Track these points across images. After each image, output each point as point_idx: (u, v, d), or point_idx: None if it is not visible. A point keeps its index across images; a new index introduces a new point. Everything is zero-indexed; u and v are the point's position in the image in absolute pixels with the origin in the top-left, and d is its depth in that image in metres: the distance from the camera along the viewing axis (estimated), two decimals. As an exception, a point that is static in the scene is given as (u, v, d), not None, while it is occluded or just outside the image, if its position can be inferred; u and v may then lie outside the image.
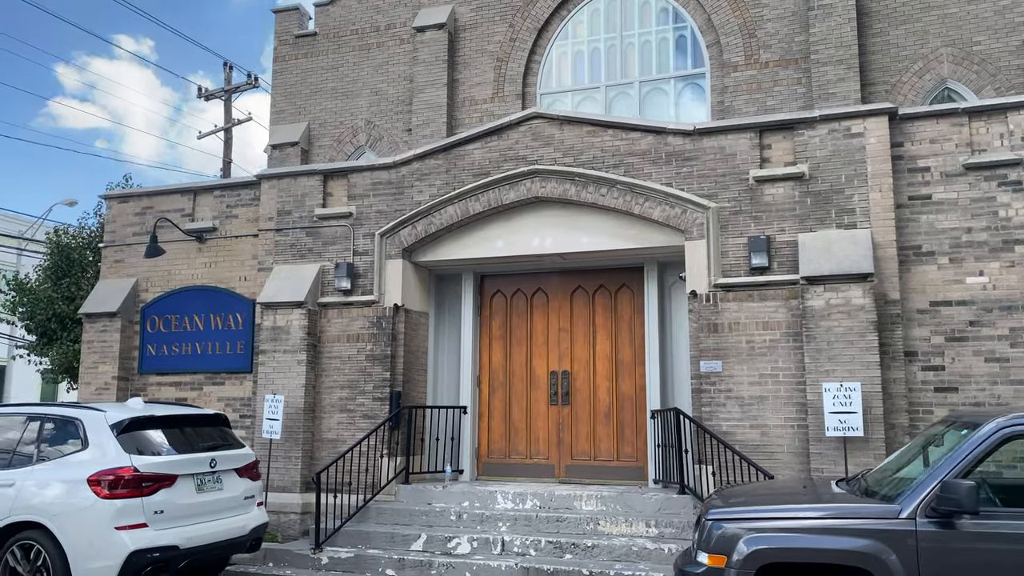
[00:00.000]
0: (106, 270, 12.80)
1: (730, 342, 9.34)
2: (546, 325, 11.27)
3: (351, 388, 10.83)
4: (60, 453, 7.52)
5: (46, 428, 7.72)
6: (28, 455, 7.61)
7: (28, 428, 7.78)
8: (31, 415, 7.87)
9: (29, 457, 7.59)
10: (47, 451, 7.58)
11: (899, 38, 13.84)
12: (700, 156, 9.77)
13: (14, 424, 7.89)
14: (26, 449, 7.66)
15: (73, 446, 7.51)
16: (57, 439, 7.63)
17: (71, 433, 7.59)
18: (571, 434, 10.91)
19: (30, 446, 7.66)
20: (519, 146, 10.56)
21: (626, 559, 8.64)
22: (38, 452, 7.59)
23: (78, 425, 7.58)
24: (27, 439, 7.72)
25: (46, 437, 7.67)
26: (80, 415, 7.65)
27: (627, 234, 10.15)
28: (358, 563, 9.23)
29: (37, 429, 7.73)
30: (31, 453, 7.61)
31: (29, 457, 7.59)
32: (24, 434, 7.76)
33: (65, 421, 7.68)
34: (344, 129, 17.03)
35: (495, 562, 8.76)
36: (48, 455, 7.55)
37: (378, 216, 11.09)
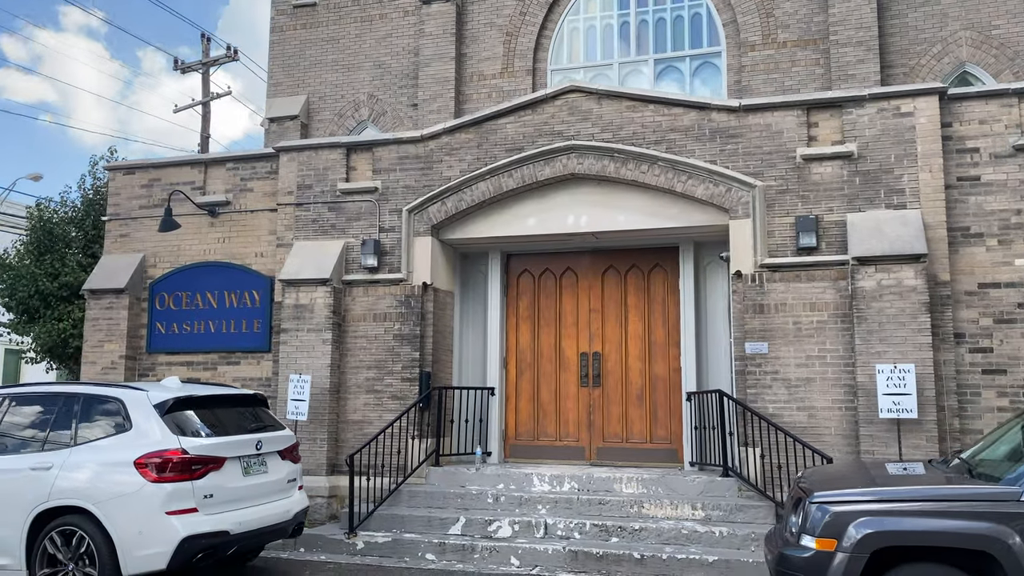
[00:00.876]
0: (110, 244, 12.25)
1: (776, 323, 9.21)
2: (576, 305, 11.04)
3: (378, 368, 10.50)
4: (101, 434, 7.11)
5: (83, 408, 7.29)
6: (65, 437, 7.19)
7: (63, 408, 7.35)
8: (66, 394, 7.44)
9: (66, 439, 7.17)
10: (86, 432, 7.16)
11: (918, 20, 13.80)
12: (745, 133, 9.59)
13: (48, 404, 7.45)
14: (62, 430, 7.24)
15: (115, 427, 7.10)
16: (96, 420, 7.22)
17: (111, 413, 7.18)
18: (602, 416, 10.73)
19: (67, 427, 7.24)
20: (555, 121, 10.27)
21: (675, 542, 8.50)
22: (76, 433, 7.17)
23: (119, 405, 7.17)
24: (63, 420, 7.29)
25: (84, 418, 7.24)
26: (121, 395, 7.24)
27: (667, 213, 9.95)
28: (396, 547, 8.95)
29: (73, 409, 7.31)
30: (68, 434, 7.19)
31: (66, 439, 7.17)
32: (59, 414, 7.33)
33: (104, 401, 7.26)
34: (345, 103, 16.54)
35: (540, 545, 8.56)
36: (87, 436, 7.13)
37: (405, 191, 10.73)
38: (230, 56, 27.45)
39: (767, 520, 8.65)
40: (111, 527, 6.70)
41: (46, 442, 7.22)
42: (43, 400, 7.52)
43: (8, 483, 7.10)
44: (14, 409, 7.55)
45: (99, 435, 7.11)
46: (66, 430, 7.22)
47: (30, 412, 7.51)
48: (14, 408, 7.56)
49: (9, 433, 7.45)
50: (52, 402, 7.45)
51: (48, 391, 7.58)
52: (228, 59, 27.48)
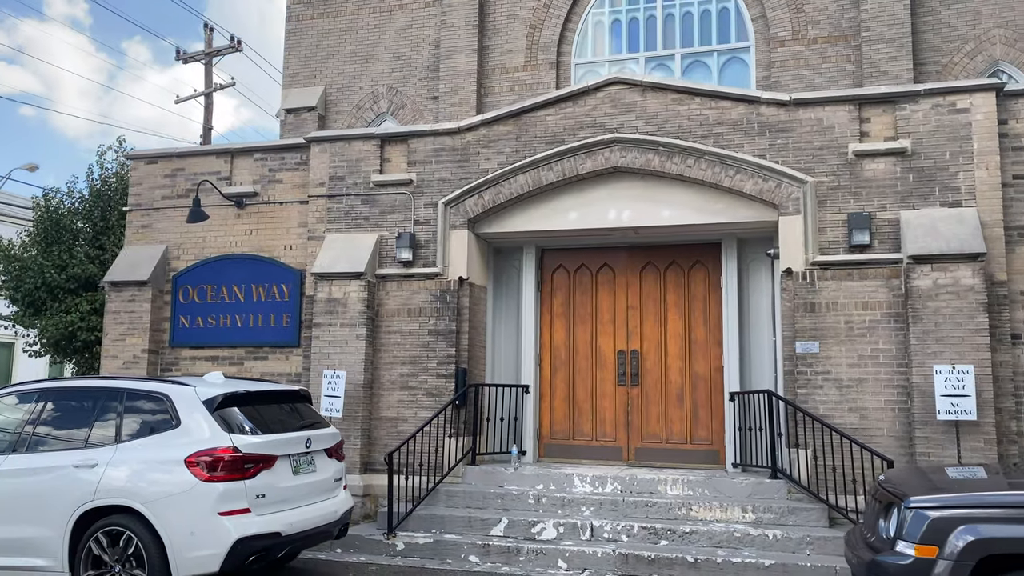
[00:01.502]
0: (131, 235, 11.93)
1: (828, 322, 9.02)
2: (613, 302, 10.82)
3: (412, 364, 10.25)
4: (147, 431, 6.83)
5: (128, 404, 7.00)
6: (109, 433, 6.90)
7: (105, 404, 7.06)
8: (108, 389, 7.15)
9: (111, 435, 6.88)
10: (131, 429, 6.88)
11: (951, 18, 13.65)
12: (795, 128, 9.40)
13: (88, 399, 7.16)
14: (106, 426, 6.95)
15: (162, 424, 6.82)
16: (141, 416, 6.93)
17: (158, 410, 6.90)
18: (641, 416, 10.51)
19: (110, 423, 6.95)
20: (596, 113, 10.04)
21: (727, 545, 8.30)
22: (120, 430, 6.89)
23: (166, 401, 6.89)
24: (105, 416, 7.01)
25: (128, 414, 6.96)
26: (167, 390, 6.96)
27: (712, 208, 9.74)
28: (437, 549, 8.71)
29: (116, 405, 7.02)
30: (112, 431, 6.90)
31: (111, 435, 6.88)
32: (101, 410, 7.04)
33: (149, 396, 6.98)
34: (364, 95, 16.26)
35: (588, 548, 8.34)
36: (133, 433, 6.85)
37: (441, 184, 10.48)
38: (234, 47, 27.16)
39: (819, 523, 8.47)
40: (161, 528, 6.42)
41: (88, 439, 6.94)
42: (82, 395, 7.23)
43: (49, 481, 6.81)
44: (52, 404, 7.26)
45: (145, 432, 6.83)
46: (109, 426, 6.94)
47: (69, 407, 7.22)
48: (52, 403, 7.27)
49: (48, 429, 7.16)
50: (92, 397, 7.17)
51: (87, 385, 7.29)
52: (232, 50, 27.18)
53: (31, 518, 6.80)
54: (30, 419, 7.23)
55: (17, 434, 7.18)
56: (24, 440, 7.13)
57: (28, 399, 7.40)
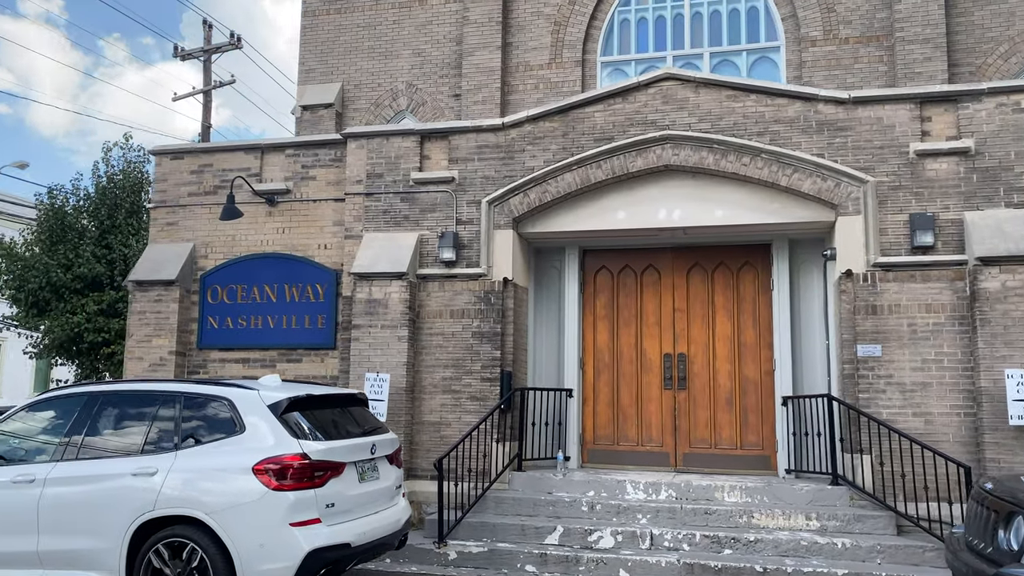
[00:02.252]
0: (155, 233, 11.53)
1: (890, 325, 8.82)
2: (658, 304, 10.56)
3: (456, 367, 9.94)
4: (209, 437, 6.48)
5: (185, 408, 6.65)
6: (168, 439, 6.54)
7: (162, 408, 6.70)
8: (164, 393, 6.79)
9: (169, 441, 6.52)
10: (192, 435, 6.52)
11: (984, 19, 13.54)
12: (855, 126, 9.19)
13: (142, 403, 6.80)
14: (164, 432, 6.59)
15: (224, 429, 6.47)
16: (202, 421, 6.58)
17: (219, 414, 6.55)
18: (689, 420, 10.26)
19: (168, 429, 6.59)
20: (647, 109, 9.79)
21: (794, 554, 8.06)
22: (180, 436, 6.53)
23: (228, 405, 6.55)
24: (162, 421, 6.65)
25: (188, 418, 6.60)
26: (230, 394, 6.61)
27: (767, 208, 9.52)
28: (492, 558, 8.41)
29: (174, 409, 6.66)
30: (171, 437, 6.54)
31: (169, 441, 6.52)
32: (157, 415, 6.68)
33: (209, 400, 6.63)
34: (382, 92, 15.95)
35: (652, 557, 8.07)
36: (194, 439, 6.50)
37: (484, 182, 10.18)
38: (233, 44, 26.72)
39: (887, 531, 8.26)
40: (229, 539, 6.08)
41: (144, 445, 6.57)
42: (135, 399, 6.86)
43: (104, 490, 6.44)
44: (103, 409, 6.89)
45: (207, 438, 6.48)
46: (168, 432, 6.58)
47: (121, 412, 6.84)
48: (103, 407, 6.89)
49: (98, 435, 6.78)
50: (147, 401, 6.80)
51: (140, 389, 6.93)
52: (231, 47, 26.74)
53: (85, 529, 6.43)
54: (78, 424, 6.85)
55: (64, 440, 6.81)
56: (72, 447, 6.76)
57: (74, 403, 7.02)
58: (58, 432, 6.91)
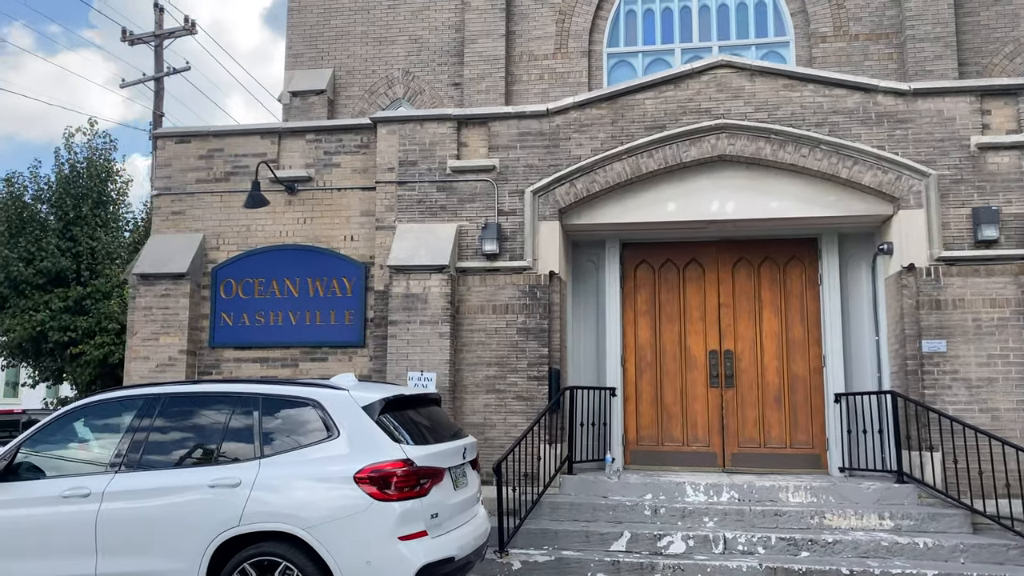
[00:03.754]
0: (159, 223, 10.65)
1: (954, 320, 8.69)
2: (703, 299, 10.25)
3: (500, 366, 9.42)
4: (296, 443, 5.83)
5: (265, 411, 5.98)
6: (248, 446, 5.87)
7: (237, 411, 6.02)
8: (237, 395, 6.10)
9: (250, 448, 5.85)
10: (277, 441, 5.87)
11: (990, 19, 13.71)
12: (915, 119, 9.05)
13: (213, 406, 6.10)
14: (242, 438, 5.91)
15: (315, 434, 5.84)
16: (287, 425, 5.93)
17: (307, 418, 5.91)
18: (736, 419, 9.98)
19: (247, 434, 5.92)
20: (701, 97, 9.47)
21: (875, 555, 7.83)
22: (263, 442, 5.86)
23: (316, 407, 5.91)
24: (239, 425, 5.97)
25: (269, 423, 5.94)
26: (317, 395, 5.97)
27: (824, 200, 9.30)
28: (559, 568, 7.93)
29: (252, 413, 5.99)
30: (252, 443, 5.87)
31: (250, 448, 5.85)
32: (233, 419, 6.00)
33: (294, 402, 5.98)
34: (377, 79, 15.28)
35: (730, 562, 7.72)
36: (280, 446, 5.84)
37: (527, 171, 9.69)
38: (187, 29, 25.52)
39: (962, 529, 8.11)
40: (330, 557, 5.46)
41: (219, 453, 5.89)
42: (204, 402, 6.15)
43: (177, 505, 5.73)
44: (165, 413, 6.16)
45: (294, 444, 5.83)
46: (247, 438, 5.90)
47: (188, 416, 6.13)
48: (165, 412, 6.16)
49: (163, 443, 6.06)
50: (218, 404, 6.11)
51: (210, 391, 6.22)
52: (185, 32, 25.54)
53: (154, 549, 5.71)
54: (136, 431, 6.11)
55: (122, 449, 6.06)
56: (132, 456, 6.01)
57: (129, 407, 6.27)
58: (113, 440, 6.16)
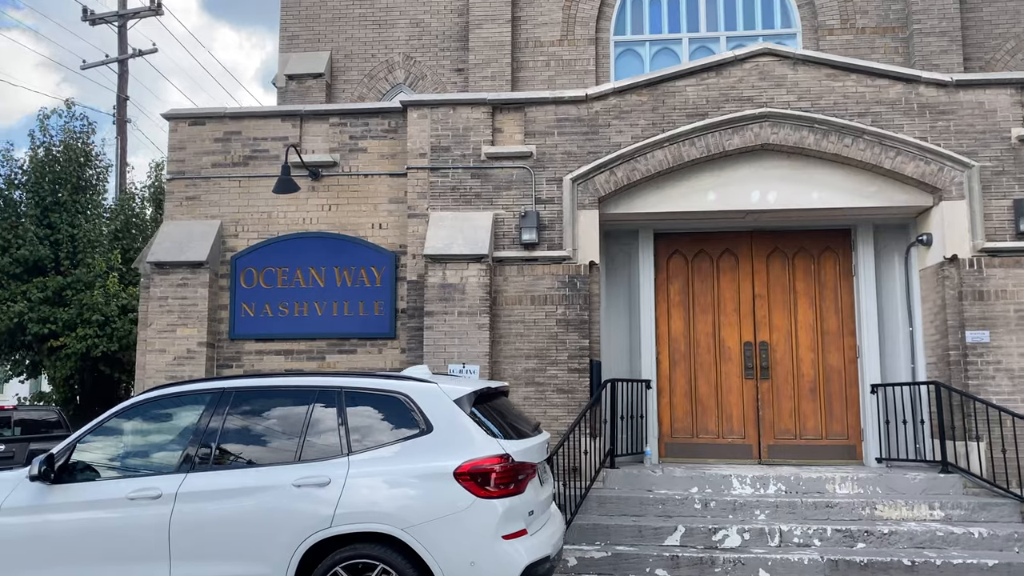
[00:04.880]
0: (173, 208, 10.13)
1: (997, 311, 8.75)
2: (737, 291, 10.16)
3: (539, 358, 9.19)
4: (387, 439, 5.52)
5: (350, 406, 5.65)
6: (333, 442, 5.54)
7: (318, 406, 5.68)
8: (320, 389, 5.75)
9: (336, 445, 5.52)
10: (363, 437, 5.55)
11: (992, 15, 13.91)
12: (956, 110, 9.08)
13: (289, 400, 5.75)
14: (326, 434, 5.58)
15: (406, 429, 5.53)
16: (374, 420, 5.61)
17: (396, 412, 5.60)
18: (772, 411, 9.92)
19: (331, 430, 5.59)
20: (743, 85, 9.35)
21: (931, 546, 7.83)
22: (349, 438, 5.54)
23: (406, 402, 5.60)
24: (321, 421, 5.63)
25: (354, 418, 5.61)
26: (405, 388, 5.67)
27: (865, 191, 9.27)
28: (617, 563, 7.75)
29: (336, 407, 5.65)
30: (336, 439, 5.54)
31: (336, 445, 5.52)
32: (314, 414, 5.66)
33: (381, 396, 5.66)
34: (377, 63, 14.88)
35: (791, 555, 7.64)
36: (368, 442, 5.52)
37: (565, 158, 9.46)
38: (153, 9, 24.68)
39: (1012, 518, 8.16)
40: (432, 559, 5.17)
41: (302, 451, 5.54)
42: (281, 396, 5.80)
43: (260, 506, 5.38)
44: (237, 408, 5.78)
45: (384, 440, 5.52)
46: (332, 434, 5.57)
47: (265, 412, 5.77)
48: (238, 407, 5.78)
49: (238, 440, 5.69)
50: (295, 398, 5.75)
51: (286, 385, 5.86)
52: (150, 12, 24.71)
53: (236, 554, 5.35)
54: (207, 427, 5.73)
55: (193, 447, 5.67)
56: (204, 454, 5.64)
57: (196, 402, 5.88)
58: (182, 437, 5.77)
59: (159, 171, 18.89)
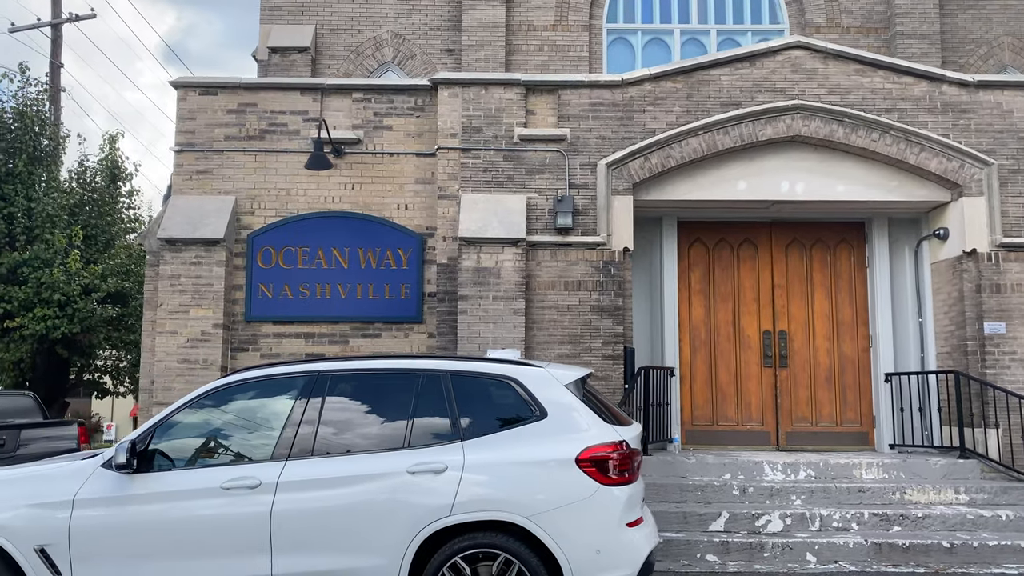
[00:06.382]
0: (181, 182, 9.57)
1: (1013, 303, 9.14)
2: (756, 280, 10.30)
3: (573, 344, 9.10)
4: (499, 424, 5.34)
5: (459, 391, 5.43)
6: (443, 428, 5.32)
7: (426, 390, 5.44)
8: (423, 372, 5.51)
9: (448, 431, 5.30)
10: (476, 422, 5.34)
11: (966, 22, 14.51)
12: (977, 110, 9.41)
13: (399, 385, 5.49)
14: (435, 420, 5.35)
15: (519, 414, 5.36)
16: (484, 405, 5.41)
17: (506, 397, 5.42)
18: (790, 399, 10.11)
19: (441, 416, 5.36)
20: (776, 77, 9.46)
21: (963, 528, 8.12)
22: (460, 423, 5.33)
23: (516, 386, 5.43)
24: (428, 405, 5.39)
25: (463, 402, 5.40)
26: (514, 372, 5.48)
27: (888, 185, 9.53)
28: (668, 550, 7.74)
29: (443, 391, 5.43)
30: (450, 425, 5.33)
31: (448, 431, 5.30)
32: (419, 399, 5.42)
33: (489, 380, 5.47)
34: (364, 39, 14.47)
35: (836, 539, 7.80)
36: (480, 428, 5.32)
37: (599, 143, 9.38)
38: (93, -24, 23.33)
39: (1030, 501, 8.56)
40: (557, 546, 5.03)
41: (410, 437, 5.30)
42: (381, 380, 5.53)
43: (371, 494, 5.12)
44: (337, 393, 5.48)
45: (497, 425, 5.33)
46: (442, 419, 5.35)
47: (365, 397, 5.49)
48: (336, 392, 5.49)
49: (340, 425, 5.40)
50: (398, 382, 5.50)
51: (385, 367, 5.59)
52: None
53: (345, 544, 5.09)
54: (302, 412, 5.42)
55: (292, 433, 5.36)
56: (303, 441, 5.33)
57: (290, 387, 5.55)
58: (275, 424, 5.44)
59: (113, 144, 17.87)
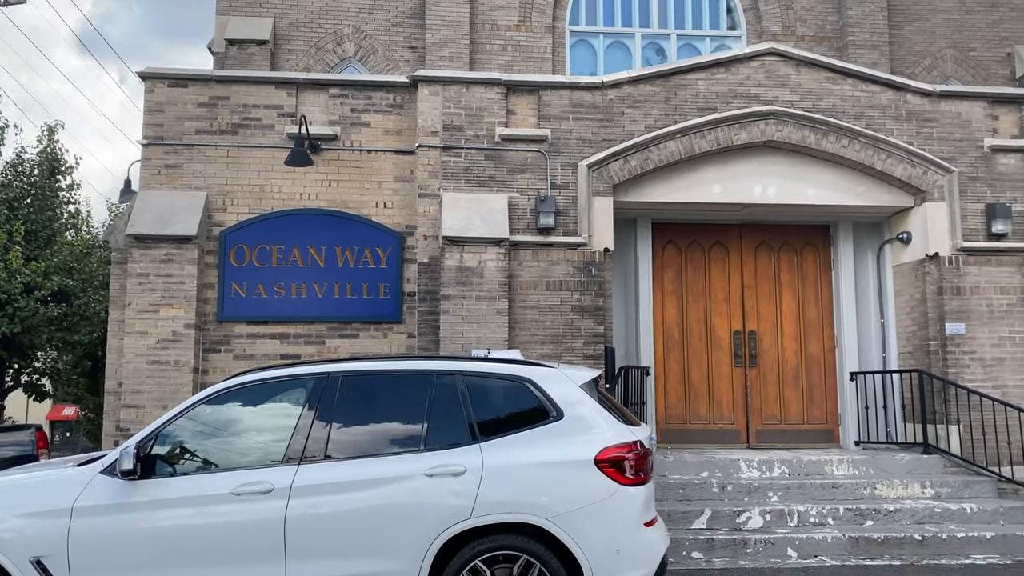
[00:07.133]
0: (149, 177, 9.24)
1: (971, 305, 9.54)
2: (727, 281, 10.51)
3: (555, 344, 9.13)
4: (516, 425, 5.30)
5: (473, 391, 5.38)
6: (461, 430, 5.25)
7: (439, 392, 5.37)
8: (441, 372, 5.44)
9: (465, 432, 5.24)
10: (491, 423, 5.29)
11: (912, 34, 15.09)
12: (939, 119, 9.79)
13: (412, 386, 5.41)
14: (451, 421, 5.28)
15: (535, 415, 5.32)
16: (498, 406, 5.37)
17: (521, 397, 5.38)
18: (760, 397, 10.35)
19: (459, 416, 5.29)
20: (750, 83, 9.66)
21: (931, 521, 8.45)
22: (476, 425, 5.28)
23: (531, 387, 5.40)
24: (443, 407, 5.32)
25: (477, 403, 5.35)
26: (529, 373, 5.45)
27: (856, 190, 9.83)
28: (654, 548, 7.84)
29: (457, 393, 5.37)
30: (465, 427, 5.27)
31: (465, 432, 5.24)
32: (434, 400, 5.34)
33: (503, 381, 5.42)
34: (324, 34, 14.23)
35: (815, 534, 8.01)
36: (496, 428, 5.27)
37: (580, 144, 9.42)
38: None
39: (991, 494, 8.93)
40: (578, 547, 5.03)
41: (425, 438, 5.23)
42: (393, 381, 5.43)
43: (388, 497, 5.03)
44: (348, 395, 5.36)
45: (514, 426, 5.30)
46: (458, 420, 5.29)
47: (377, 398, 5.39)
48: (348, 393, 5.36)
49: (353, 428, 5.29)
50: (410, 383, 5.41)
51: (396, 368, 5.49)
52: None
53: (363, 548, 4.99)
54: (314, 415, 5.30)
55: (303, 437, 5.22)
56: (315, 445, 5.20)
57: (300, 388, 5.42)
58: (285, 427, 5.29)
59: (51, 136, 17.13)
